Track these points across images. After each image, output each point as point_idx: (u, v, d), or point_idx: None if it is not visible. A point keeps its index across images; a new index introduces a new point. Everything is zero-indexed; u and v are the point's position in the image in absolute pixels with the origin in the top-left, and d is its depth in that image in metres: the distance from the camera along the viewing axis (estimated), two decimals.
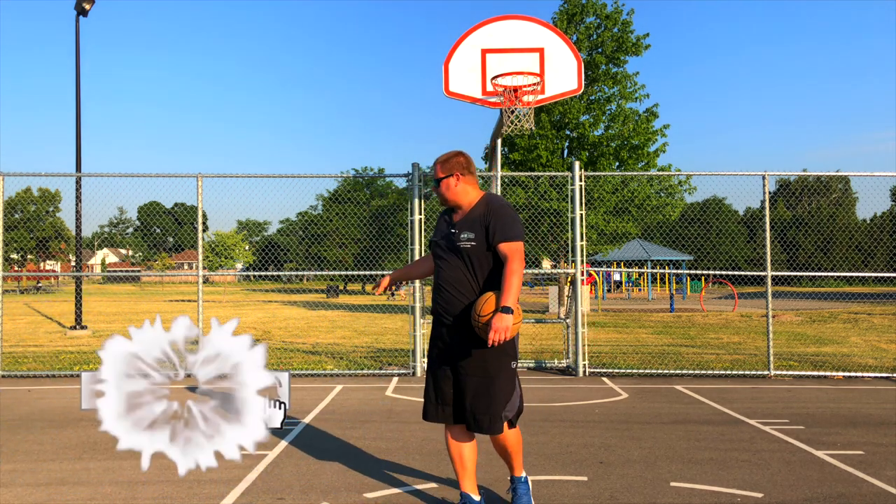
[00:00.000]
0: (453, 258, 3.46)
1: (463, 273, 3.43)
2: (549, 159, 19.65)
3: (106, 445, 5.04)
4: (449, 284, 3.45)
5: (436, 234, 3.64)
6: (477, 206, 3.51)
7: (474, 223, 3.44)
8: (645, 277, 41.48)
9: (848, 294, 35.30)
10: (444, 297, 3.47)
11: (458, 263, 3.44)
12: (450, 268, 3.46)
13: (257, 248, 66.79)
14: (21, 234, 58.44)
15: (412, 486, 4.13)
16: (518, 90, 7.75)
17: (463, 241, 3.42)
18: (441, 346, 3.51)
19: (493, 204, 3.48)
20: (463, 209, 3.54)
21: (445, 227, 3.57)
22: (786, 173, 9.39)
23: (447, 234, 3.52)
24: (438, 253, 3.55)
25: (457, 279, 3.44)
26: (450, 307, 3.45)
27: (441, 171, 3.55)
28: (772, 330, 8.49)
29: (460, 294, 3.42)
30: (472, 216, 3.48)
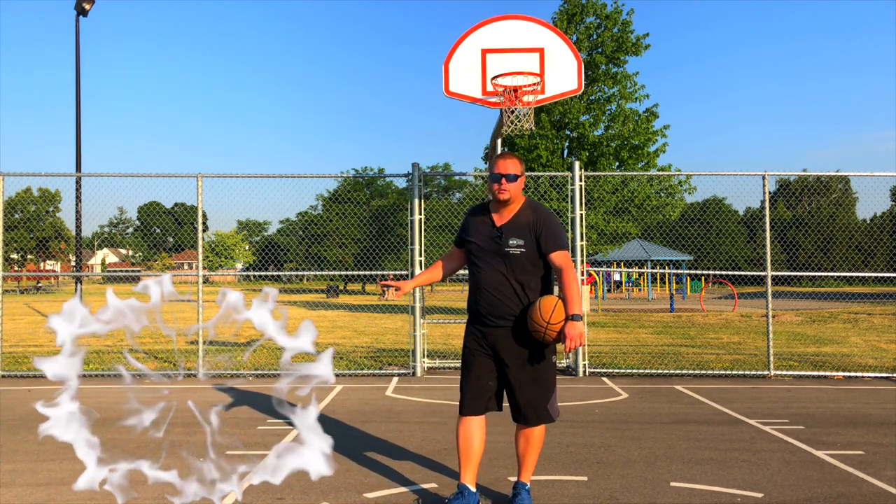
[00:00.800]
0: (496, 261, 3.54)
1: (504, 276, 3.53)
2: (549, 159, 19.66)
3: (106, 445, 5.04)
4: (491, 287, 3.54)
5: (471, 235, 3.65)
6: (523, 211, 3.60)
7: (523, 229, 3.54)
8: (645, 277, 41.48)
9: (848, 294, 35.30)
10: (487, 300, 3.55)
11: (501, 267, 3.53)
12: (492, 271, 3.54)
13: (257, 248, 66.78)
14: (21, 234, 58.43)
15: (412, 486, 4.13)
16: (518, 90, 7.74)
17: (512, 246, 3.52)
18: (483, 344, 3.60)
19: (543, 212, 3.60)
20: (508, 211, 3.60)
21: (487, 229, 3.59)
22: (786, 173, 9.39)
23: (491, 236, 3.57)
24: (478, 254, 3.59)
25: (498, 282, 3.53)
26: (494, 309, 3.54)
27: (520, 168, 3.59)
28: (772, 330, 8.49)
29: (503, 296, 3.52)
30: (519, 221, 3.56)
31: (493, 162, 3.63)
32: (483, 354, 3.60)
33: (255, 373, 8.60)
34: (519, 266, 3.51)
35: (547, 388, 3.57)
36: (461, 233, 3.76)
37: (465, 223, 3.75)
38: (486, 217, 3.65)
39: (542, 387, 3.55)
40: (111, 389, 7.54)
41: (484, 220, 3.64)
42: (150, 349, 11.28)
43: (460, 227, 3.80)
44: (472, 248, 3.63)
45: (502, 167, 3.56)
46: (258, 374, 8.55)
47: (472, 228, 3.67)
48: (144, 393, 7.32)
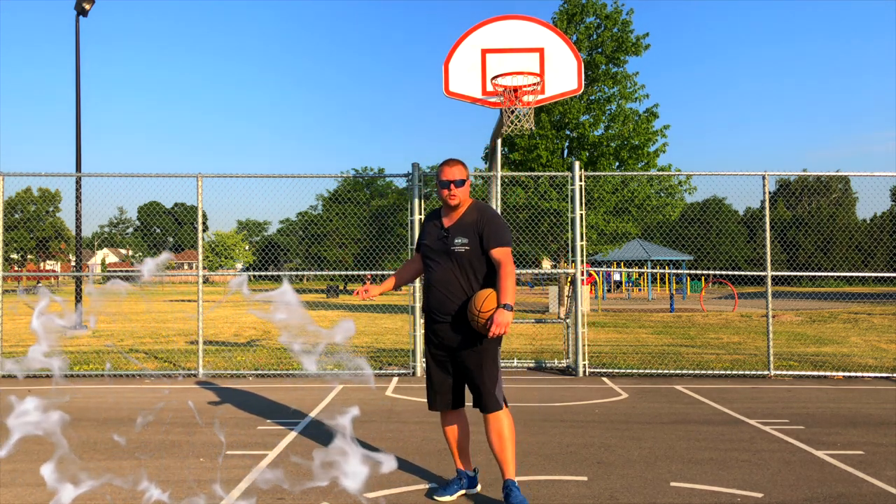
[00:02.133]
0: (445, 261, 3.77)
1: (454, 275, 3.76)
2: (549, 159, 19.65)
3: (106, 445, 5.05)
4: (441, 285, 3.78)
5: (425, 238, 3.92)
6: (468, 212, 3.84)
7: (468, 229, 3.77)
8: (645, 277, 41.48)
9: (848, 294, 35.30)
10: (437, 297, 3.79)
11: (450, 266, 3.76)
12: (441, 270, 3.78)
13: (257, 248, 66.79)
14: (21, 234, 58.43)
15: (412, 486, 4.13)
16: (518, 90, 7.75)
17: (457, 245, 3.75)
18: (435, 340, 3.85)
19: (487, 212, 3.83)
20: (456, 214, 3.85)
21: (436, 231, 3.85)
22: (786, 173, 9.39)
23: (439, 237, 3.82)
24: (429, 255, 3.85)
25: (448, 280, 3.76)
26: (442, 306, 3.77)
27: (465, 173, 3.83)
28: (772, 330, 8.49)
29: (451, 293, 3.75)
30: (464, 222, 3.80)
31: (440, 169, 3.83)
32: (439, 354, 3.85)
33: (256, 373, 8.60)
34: (465, 263, 3.74)
35: (492, 375, 3.78)
36: (419, 238, 4.02)
37: (421, 229, 4.02)
38: (437, 221, 3.91)
39: (489, 373, 3.76)
40: (111, 389, 7.54)
41: (434, 224, 3.91)
42: (150, 349, 11.28)
43: (418, 234, 4.06)
44: (424, 249, 3.90)
45: (449, 174, 3.78)
46: (258, 374, 8.55)
47: (425, 232, 3.95)
48: (145, 393, 7.33)
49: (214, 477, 4.29)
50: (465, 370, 3.79)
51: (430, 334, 3.89)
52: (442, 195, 3.83)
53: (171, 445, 5.05)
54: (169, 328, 15.86)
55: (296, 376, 8.47)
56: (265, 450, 4.93)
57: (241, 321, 18.41)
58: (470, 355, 3.77)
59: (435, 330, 3.84)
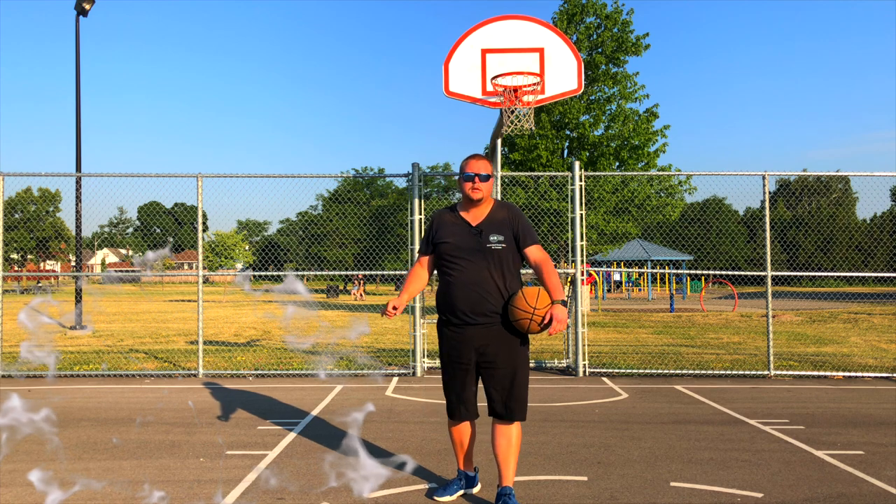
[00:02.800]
0: (478, 259, 3.59)
1: (489, 273, 3.59)
2: (549, 159, 19.65)
3: (106, 445, 5.05)
4: (474, 284, 3.58)
5: (446, 236, 3.68)
6: (496, 209, 3.72)
7: (501, 226, 3.66)
8: (645, 277, 41.48)
9: (848, 294, 35.30)
10: (469, 298, 3.57)
11: (484, 264, 3.59)
12: (474, 269, 3.58)
13: (257, 248, 66.80)
14: (21, 234, 58.44)
15: (412, 487, 4.13)
16: (518, 90, 7.74)
17: (493, 242, 3.61)
18: (463, 347, 3.63)
19: (515, 209, 3.75)
20: (481, 211, 3.70)
21: (463, 229, 3.66)
22: (786, 173, 9.38)
23: (470, 235, 3.64)
24: (456, 254, 3.62)
25: (482, 279, 3.58)
26: (476, 307, 3.57)
27: (490, 169, 3.69)
28: (772, 330, 8.48)
29: (486, 293, 3.57)
30: (495, 219, 3.68)
31: (465, 162, 3.70)
32: (465, 360, 3.64)
33: (256, 373, 8.60)
34: (500, 261, 3.61)
35: (526, 383, 3.66)
36: (431, 238, 3.77)
37: (433, 228, 3.77)
38: (457, 218, 3.73)
39: (522, 380, 3.63)
40: (111, 389, 7.54)
41: (455, 222, 3.72)
42: (150, 349, 11.28)
43: (425, 236, 3.83)
44: (448, 248, 3.66)
45: (475, 167, 3.66)
46: (258, 374, 8.55)
47: (443, 231, 3.71)
48: (145, 393, 7.33)
49: (214, 477, 4.29)
50: (498, 376, 3.60)
51: (454, 339, 3.66)
52: (464, 188, 3.68)
53: (171, 445, 5.05)
54: (169, 328, 15.86)
55: (296, 376, 8.46)
56: (265, 450, 4.93)
57: (241, 321, 18.41)
58: (507, 360, 3.60)
59: (463, 334, 3.62)
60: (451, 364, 3.69)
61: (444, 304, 3.68)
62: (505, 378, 3.59)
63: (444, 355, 3.73)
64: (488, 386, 3.64)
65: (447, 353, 3.70)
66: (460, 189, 3.73)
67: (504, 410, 3.62)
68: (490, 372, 3.62)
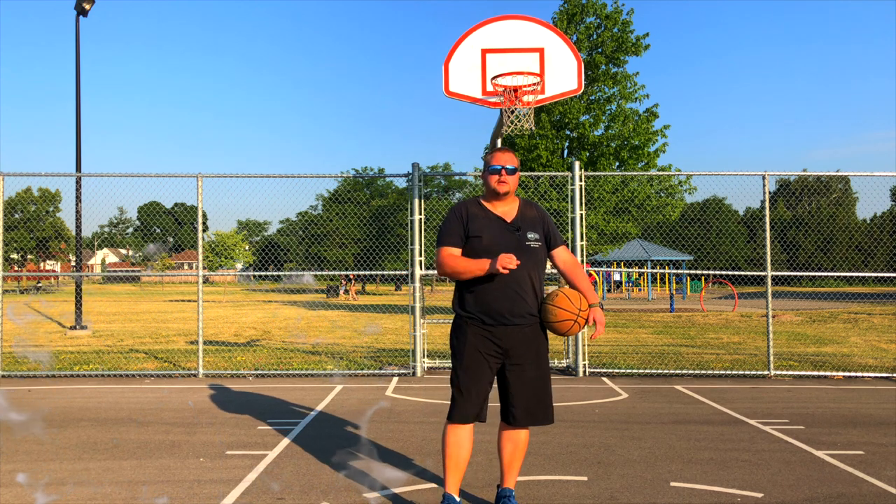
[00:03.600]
0: (519, 258, 3.38)
1: (527, 273, 3.44)
2: (549, 159, 19.64)
3: (106, 445, 5.05)
4: (516, 284, 3.41)
5: (481, 231, 3.45)
6: (525, 207, 3.59)
7: (535, 224, 3.54)
8: (645, 277, 41.48)
9: (848, 294, 35.30)
10: (507, 298, 3.40)
11: (524, 263, 3.41)
12: (515, 267, 3.35)
13: (257, 248, 66.81)
14: (21, 234, 58.44)
15: (412, 487, 4.13)
16: (518, 90, 7.74)
17: (532, 241, 3.48)
18: (494, 346, 3.44)
19: (541, 208, 3.65)
20: (511, 207, 3.56)
21: (498, 225, 3.48)
22: (786, 173, 9.38)
23: (508, 232, 3.47)
24: (492, 250, 3.40)
25: (521, 279, 3.42)
26: (515, 307, 3.41)
27: (517, 162, 3.56)
28: (772, 330, 8.48)
29: (525, 293, 3.43)
30: (527, 216, 3.55)
31: (491, 155, 3.56)
32: (493, 358, 3.45)
33: (256, 373, 8.60)
34: (537, 261, 3.49)
35: (550, 387, 3.55)
36: (461, 230, 3.49)
37: (463, 221, 3.50)
38: (487, 212, 3.53)
39: (549, 384, 3.54)
40: (111, 389, 7.54)
41: (487, 216, 3.51)
42: (150, 349, 11.28)
43: (451, 228, 3.52)
44: (483, 244, 3.43)
45: (502, 160, 3.52)
46: (258, 374, 8.55)
47: (476, 225, 3.47)
48: (145, 393, 7.32)
49: (214, 477, 4.29)
50: (527, 378, 3.46)
51: (487, 340, 3.44)
52: (490, 181, 3.51)
53: (171, 445, 5.05)
54: (169, 328, 15.86)
55: (296, 376, 8.46)
56: (265, 450, 4.93)
57: (241, 321, 18.41)
58: (538, 363, 3.48)
59: (499, 334, 3.43)
60: (475, 356, 3.44)
61: (476, 305, 3.44)
62: (534, 380, 3.47)
63: (468, 347, 3.45)
64: (513, 388, 3.47)
65: (473, 344, 3.44)
66: (485, 182, 3.57)
67: (525, 416, 3.47)
68: (516, 374, 3.46)
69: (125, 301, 30.88)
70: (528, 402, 3.46)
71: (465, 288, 3.49)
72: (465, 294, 3.50)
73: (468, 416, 3.45)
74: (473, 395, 3.44)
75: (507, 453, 3.57)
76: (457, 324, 3.57)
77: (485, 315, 3.44)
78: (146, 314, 21.59)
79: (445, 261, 3.47)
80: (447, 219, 3.58)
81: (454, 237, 3.50)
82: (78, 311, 14.74)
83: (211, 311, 22.73)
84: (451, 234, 3.51)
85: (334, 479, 4.27)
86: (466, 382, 3.45)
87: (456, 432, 3.48)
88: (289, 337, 13.61)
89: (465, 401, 3.45)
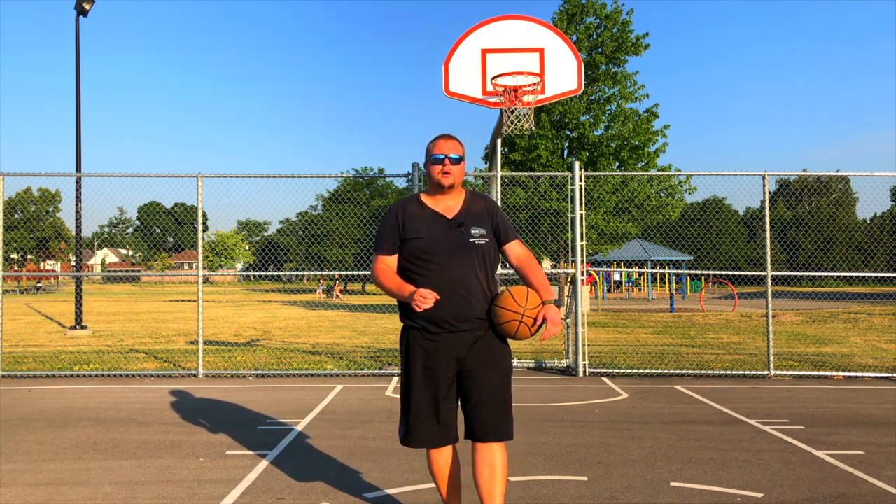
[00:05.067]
0: (461, 257, 3.06)
1: (474, 273, 3.07)
2: (549, 159, 19.65)
3: (106, 445, 5.04)
4: (461, 286, 3.04)
5: (419, 231, 3.10)
6: (472, 200, 3.21)
7: (481, 218, 3.16)
8: (645, 277, 41.48)
9: (848, 294, 35.30)
10: (455, 302, 3.03)
11: (468, 262, 3.07)
12: (457, 268, 3.05)
13: (257, 248, 66.81)
14: (21, 234, 58.45)
15: (412, 487, 4.13)
16: (518, 90, 7.75)
17: (476, 237, 3.10)
18: (443, 355, 3.07)
19: (491, 200, 3.28)
20: (453, 200, 3.19)
21: (438, 222, 3.11)
22: (786, 173, 9.39)
23: (449, 229, 3.10)
24: (434, 251, 3.06)
25: (468, 280, 3.06)
26: (462, 312, 3.04)
27: (462, 150, 3.18)
28: (772, 330, 8.48)
29: (472, 296, 3.06)
30: (473, 210, 3.17)
31: (433, 143, 3.19)
32: (445, 371, 3.07)
33: (256, 373, 8.60)
34: (484, 258, 3.11)
35: (510, 396, 3.15)
36: (397, 235, 3.14)
37: (398, 222, 3.15)
38: (425, 210, 3.16)
39: (508, 394, 3.14)
40: (111, 389, 7.54)
41: (425, 214, 3.14)
42: (150, 349, 11.28)
43: (386, 232, 3.18)
44: (422, 245, 3.07)
45: (445, 147, 3.14)
46: (258, 374, 8.55)
47: (413, 225, 3.11)
48: (145, 393, 7.32)
49: (214, 477, 4.29)
50: (481, 386, 3.05)
51: (430, 350, 3.08)
52: (432, 173, 3.15)
53: (171, 445, 5.05)
54: (169, 328, 15.86)
55: (296, 376, 8.46)
56: (265, 450, 4.93)
57: (241, 321, 18.41)
58: (493, 372, 3.08)
59: (445, 343, 3.06)
60: (426, 378, 3.07)
61: (417, 311, 2.99)
62: (488, 389, 3.06)
63: (417, 368, 3.09)
64: (469, 399, 3.08)
65: (422, 364, 3.08)
66: (427, 174, 3.20)
67: (485, 428, 3.06)
68: (471, 383, 3.07)
69: (125, 301, 30.89)
70: (483, 413, 3.05)
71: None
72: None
73: (427, 438, 3.08)
74: (425, 415, 3.07)
75: (484, 479, 3.06)
76: (403, 334, 3.21)
77: (428, 323, 3.07)
78: (146, 314, 21.59)
79: (376, 273, 3.17)
80: (383, 221, 3.22)
81: (387, 242, 3.16)
82: (78, 311, 14.74)
83: (211, 311, 22.73)
84: (384, 238, 3.17)
85: (334, 479, 4.27)
86: (416, 404, 3.09)
87: (438, 454, 3.16)
88: (289, 337, 13.62)
89: (418, 423, 3.08)
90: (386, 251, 3.17)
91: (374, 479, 4.25)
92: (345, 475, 4.34)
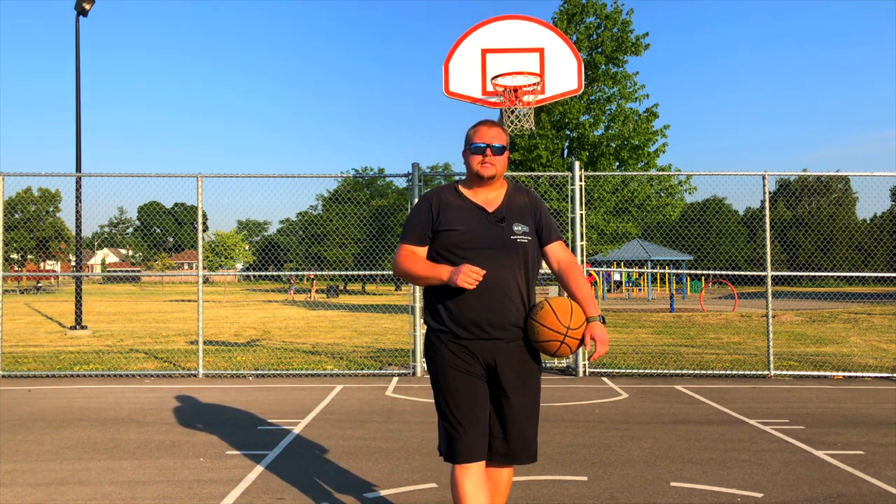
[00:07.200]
0: (501, 256, 2.74)
1: (513, 274, 2.75)
2: (549, 159, 19.65)
3: (106, 445, 5.04)
4: (498, 289, 2.71)
5: (456, 223, 2.77)
6: (513, 192, 2.88)
7: (523, 214, 2.83)
8: (645, 277, 41.48)
9: (848, 294, 35.31)
10: (488, 304, 2.71)
11: (508, 262, 2.74)
12: (498, 268, 2.72)
13: (257, 248, 66.83)
14: (21, 234, 58.47)
15: (412, 487, 4.13)
16: (518, 90, 7.75)
17: (518, 234, 2.78)
18: (475, 363, 2.75)
19: (535, 195, 2.94)
20: (496, 194, 2.86)
21: (477, 215, 2.79)
22: (786, 173, 9.39)
23: (489, 223, 2.78)
24: (470, 246, 2.74)
25: (506, 281, 2.73)
26: (497, 317, 2.72)
27: (506, 139, 2.85)
28: (772, 330, 8.48)
29: (510, 299, 2.74)
30: (515, 205, 2.84)
31: (474, 130, 2.85)
32: (477, 377, 2.75)
33: (256, 373, 8.60)
34: (526, 259, 2.79)
35: (538, 418, 2.88)
36: (428, 225, 2.82)
37: (431, 211, 2.82)
38: (464, 201, 2.83)
39: (536, 415, 2.85)
40: (111, 389, 7.54)
41: (463, 205, 2.81)
42: (150, 349, 11.28)
43: (416, 221, 2.85)
44: (458, 239, 2.75)
45: (487, 136, 2.80)
46: (258, 374, 8.55)
47: (449, 216, 2.78)
48: (145, 393, 7.33)
49: (214, 477, 4.29)
50: (511, 406, 2.76)
51: (465, 356, 2.75)
52: (472, 163, 2.81)
53: (171, 445, 5.05)
54: (169, 328, 15.86)
55: (296, 376, 8.46)
56: (265, 450, 4.93)
57: (241, 321, 18.41)
58: (522, 387, 2.77)
59: (478, 350, 2.74)
60: (458, 376, 2.74)
61: (448, 314, 2.75)
62: (519, 410, 2.77)
63: (448, 369, 2.76)
64: (492, 418, 2.79)
65: (453, 364, 2.75)
66: (466, 164, 2.88)
67: (507, 450, 2.79)
68: (498, 400, 2.78)
69: (125, 301, 30.89)
70: (508, 434, 2.78)
71: (436, 293, 2.81)
72: (435, 302, 2.81)
73: (473, 450, 2.70)
74: (471, 424, 2.72)
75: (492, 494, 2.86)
76: (428, 339, 2.87)
77: (458, 327, 2.75)
78: (146, 314, 21.59)
79: (400, 260, 2.83)
80: (414, 209, 2.91)
81: (416, 233, 2.84)
82: (78, 311, 14.74)
83: (211, 311, 22.73)
84: (413, 228, 2.85)
85: (334, 479, 4.27)
86: (453, 410, 2.73)
87: (468, 474, 2.69)
88: (289, 337, 13.62)
89: (464, 433, 2.70)
90: (415, 241, 2.83)
91: (374, 479, 4.25)
92: (345, 475, 4.34)
